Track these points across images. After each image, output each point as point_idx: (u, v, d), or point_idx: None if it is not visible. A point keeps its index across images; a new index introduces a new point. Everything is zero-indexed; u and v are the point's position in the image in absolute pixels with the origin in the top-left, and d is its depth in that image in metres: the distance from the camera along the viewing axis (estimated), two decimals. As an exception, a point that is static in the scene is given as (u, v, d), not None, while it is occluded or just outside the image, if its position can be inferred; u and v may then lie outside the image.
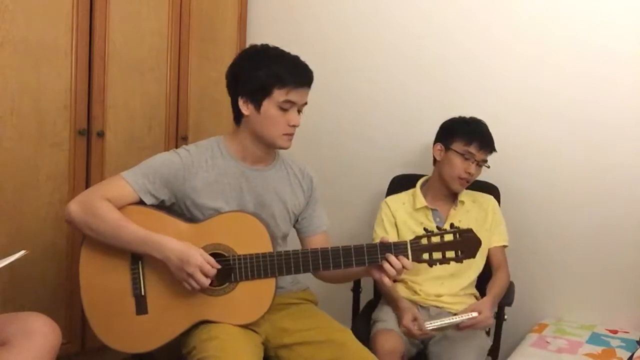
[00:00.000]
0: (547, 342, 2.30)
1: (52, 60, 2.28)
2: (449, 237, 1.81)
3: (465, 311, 2.10)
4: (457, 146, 2.31)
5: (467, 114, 2.35)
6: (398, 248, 1.78)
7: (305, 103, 1.91)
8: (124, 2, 2.49)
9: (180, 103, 2.79)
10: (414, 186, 2.45)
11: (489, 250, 2.34)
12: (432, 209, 2.36)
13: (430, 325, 2.04)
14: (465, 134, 2.31)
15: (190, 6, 2.78)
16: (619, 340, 2.34)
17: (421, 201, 2.37)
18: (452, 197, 2.38)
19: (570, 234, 2.57)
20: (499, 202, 2.43)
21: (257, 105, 1.85)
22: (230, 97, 1.93)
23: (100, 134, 2.45)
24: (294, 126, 1.87)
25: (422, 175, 2.60)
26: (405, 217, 2.37)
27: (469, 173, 2.29)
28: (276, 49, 1.90)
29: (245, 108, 1.87)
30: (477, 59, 2.70)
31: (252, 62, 1.86)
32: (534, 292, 2.59)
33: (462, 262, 1.84)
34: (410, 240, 1.80)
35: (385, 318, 2.21)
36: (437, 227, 1.84)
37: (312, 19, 3.06)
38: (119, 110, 2.53)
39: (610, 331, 2.44)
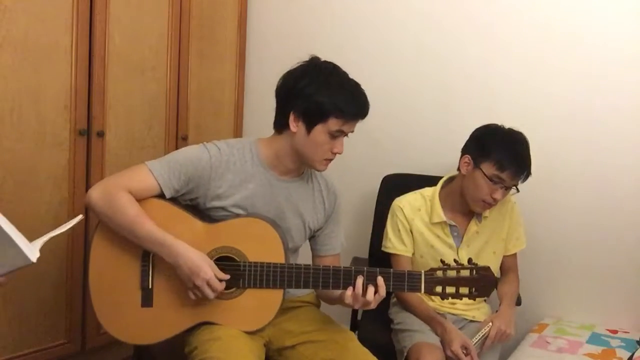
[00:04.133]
0: (547, 342, 2.30)
1: (52, 60, 2.28)
2: (465, 273, 1.76)
3: (485, 323, 2.13)
4: (488, 168, 2.08)
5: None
6: (412, 278, 1.76)
7: (352, 131, 1.85)
8: (124, 2, 2.49)
9: (180, 103, 2.79)
10: (408, 186, 2.35)
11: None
12: (450, 224, 2.22)
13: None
14: (500, 158, 2.07)
15: (190, 6, 2.78)
16: (619, 340, 2.34)
17: (439, 215, 2.21)
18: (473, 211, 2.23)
19: (570, 234, 2.57)
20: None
21: (309, 128, 1.78)
22: (279, 105, 1.86)
23: (100, 134, 2.45)
24: (337, 154, 1.84)
25: (415, 175, 2.59)
26: (421, 228, 2.23)
27: (494, 198, 2.11)
28: (340, 72, 1.84)
29: (295, 125, 1.80)
30: (476, 59, 2.70)
31: (315, 82, 1.78)
32: (534, 292, 2.58)
33: (474, 300, 1.80)
34: (425, 272, 1.76)
35: (421, 328, 2.12)
36: (455, 261, 1.78)
37: (311, 19, 3.06)
38: (119, 110, 2.53)
39: (610, 331, 2.44)
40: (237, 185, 1.84)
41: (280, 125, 1.85)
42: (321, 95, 1.76)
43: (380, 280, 1.73)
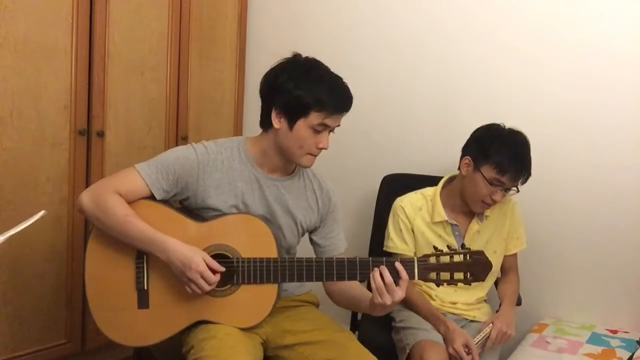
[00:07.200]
0: (547, 342, 2.30)
1: (52, 60, 2.28)
2: (458, 258, 1.76)
3: (486, 323, 2.14)
4: (488, 171, 2.09)
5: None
6: (405, 265, 1.74)
7: (338, 125, 1.84)
8: (124, 2, 2.49)
9: (180, 103, 2.79)
10: (408, 186, 2.35)
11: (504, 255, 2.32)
12: (451, 224, 2.23)
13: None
14: (501, 161, 2.07)
15: (190, 6, 2.78)
16: (619, 340, 2.34)
17: (440, 214, 2.22)
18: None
19: (570, 234, 2.57)
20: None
21: (291, 123, 1.79)
22: (263, 102, 1.88)
23: (100, 134, 2.45)
24: (322, 149, 1.83)
25: (415, 175, 2.58)
26: (422, 227, 2.24)
27: (494, 200, 2.13)
28: (321, 66, 1.84)
29: (277, 121, 1.81)
30: (476, 59, 2.69)
31: (295, 77, 1.79)
32: (534, 292, 2.58)
33: (470, 284, 1.78)
34: (417, 258, 1.76)
35: (424, 326, 2.12)
36: (448, 247, 1.77)
37: (311, 19, 3.06)
38: (119, 110, 2.53)
39: (610, 331, 2.44)
40: (226, 183, 1.85)
41: (265, 123, 1.86)
42: (300, 89, 1.77)
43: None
